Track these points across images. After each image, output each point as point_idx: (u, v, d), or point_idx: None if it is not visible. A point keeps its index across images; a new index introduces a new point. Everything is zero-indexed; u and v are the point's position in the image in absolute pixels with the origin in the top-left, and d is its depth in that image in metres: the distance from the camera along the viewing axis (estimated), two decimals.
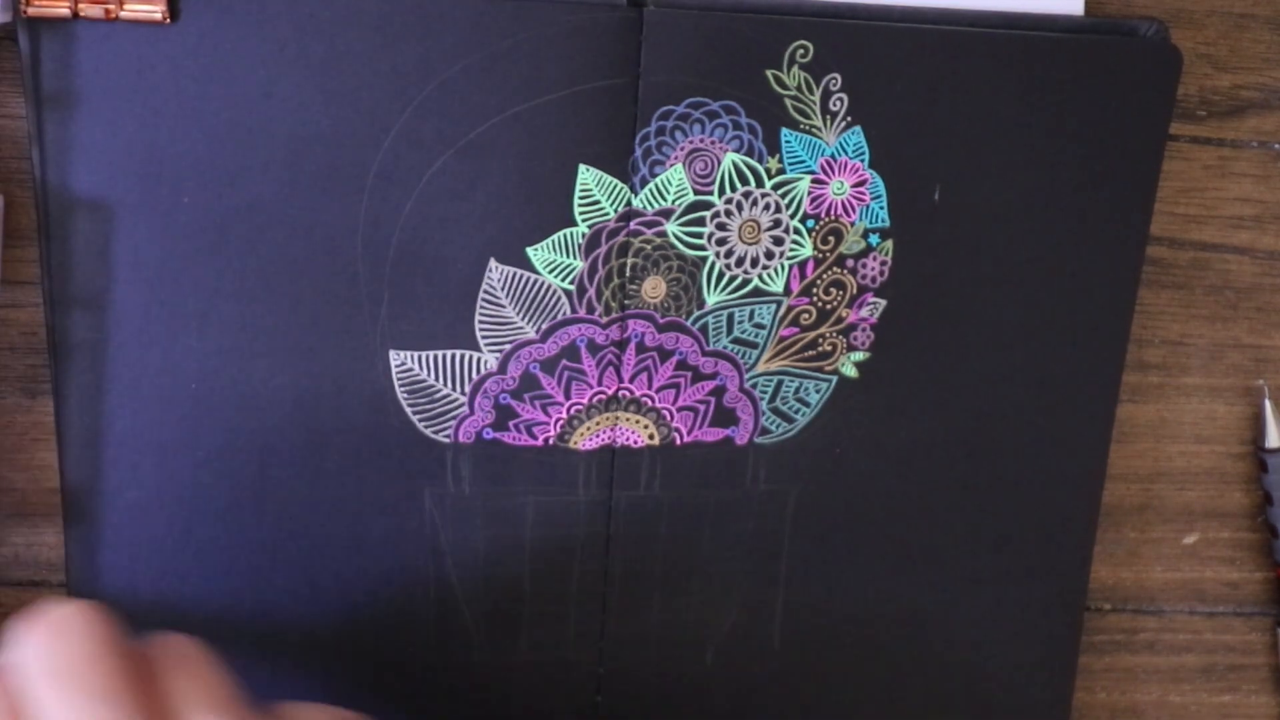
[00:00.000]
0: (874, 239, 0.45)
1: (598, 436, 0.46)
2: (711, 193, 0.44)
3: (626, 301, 0.44)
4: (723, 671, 0.49)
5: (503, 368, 0.44)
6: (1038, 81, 0.45)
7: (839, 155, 0.44)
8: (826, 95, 0.44)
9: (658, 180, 0.43)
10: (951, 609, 0.50)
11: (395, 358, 0.43)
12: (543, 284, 0.43)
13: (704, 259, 0.44)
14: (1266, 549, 0.53)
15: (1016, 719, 0.52)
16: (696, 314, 0.45)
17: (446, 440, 0.45)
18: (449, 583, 0.46)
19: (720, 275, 0.45)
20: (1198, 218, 0.50)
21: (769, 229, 0.45)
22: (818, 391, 0.47)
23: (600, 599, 0.47)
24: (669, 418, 0.46)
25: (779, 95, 0.43)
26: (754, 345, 0.46)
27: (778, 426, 0.47)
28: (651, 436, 0.46)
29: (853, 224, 0.45)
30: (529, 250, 0.43)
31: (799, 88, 0.43)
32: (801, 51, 0.43)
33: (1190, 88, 0.49)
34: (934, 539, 0.49)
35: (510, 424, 0.45)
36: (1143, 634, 0.53)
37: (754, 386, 0.46)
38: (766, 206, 0.44)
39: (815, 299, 0.46)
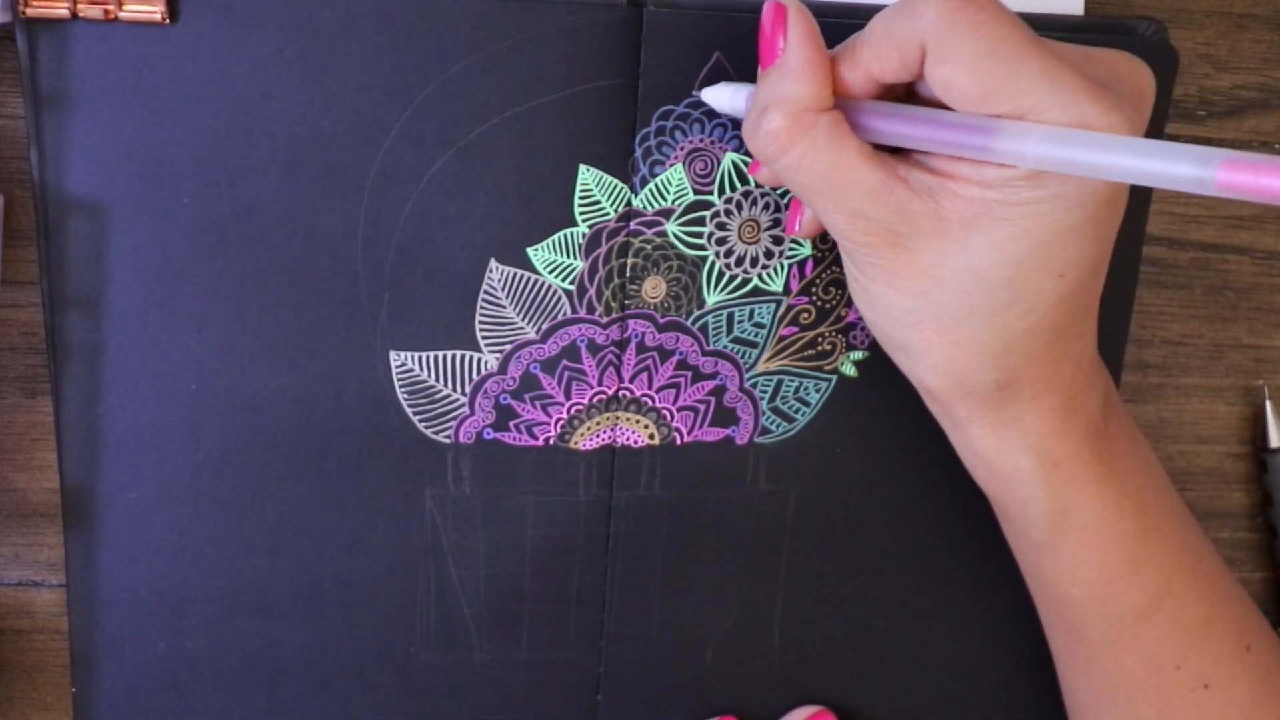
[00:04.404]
0: None
1: (598, 436, 0.46)
2: (711, 192, 0.44)
3: (627, 301, 0.44)
4: (722, 671, 0.49)
5: (503, 368, 0.44)
6: None
7: None
8: None
9: (658, 180, 0.43)
10: (951, 608, 0.50)
11: (395, 358, 0.43)
12: (543, 284, 0.43)
13: (704, 259, 0.44)
14: (1266, 549, 0.53)
15: (1014, 717, 0.52)
16: (696, 314, 0.45)
17: (447, 441, 0.45)
18: (449, 583, 0.46)
19: (720, 275, 0.45)
20: (1198, 218, 0.50)
21: (769, 228, 0.45)
22: (818, 391, 0.47)
23: (600, 599, 0.47)
24: (669, 418, 0.46)
25: None
26: (754, 345, 0.46)
27: (778, 426, 0.47)
28: (652, 436, 0.46)
29: None
30: (529, 250, 0.43)
31: None
32: None
33: (1190, 88, 0.49)
34: (934, 538, 0.49)
35: (510, 424, 0.45)
36: None
37: (754, 386, 0.46)
38: (766, 206, 0.44)
39: (815, 298, 0.46)
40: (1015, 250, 0.35)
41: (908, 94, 0.38)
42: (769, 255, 0.45)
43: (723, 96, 0.41)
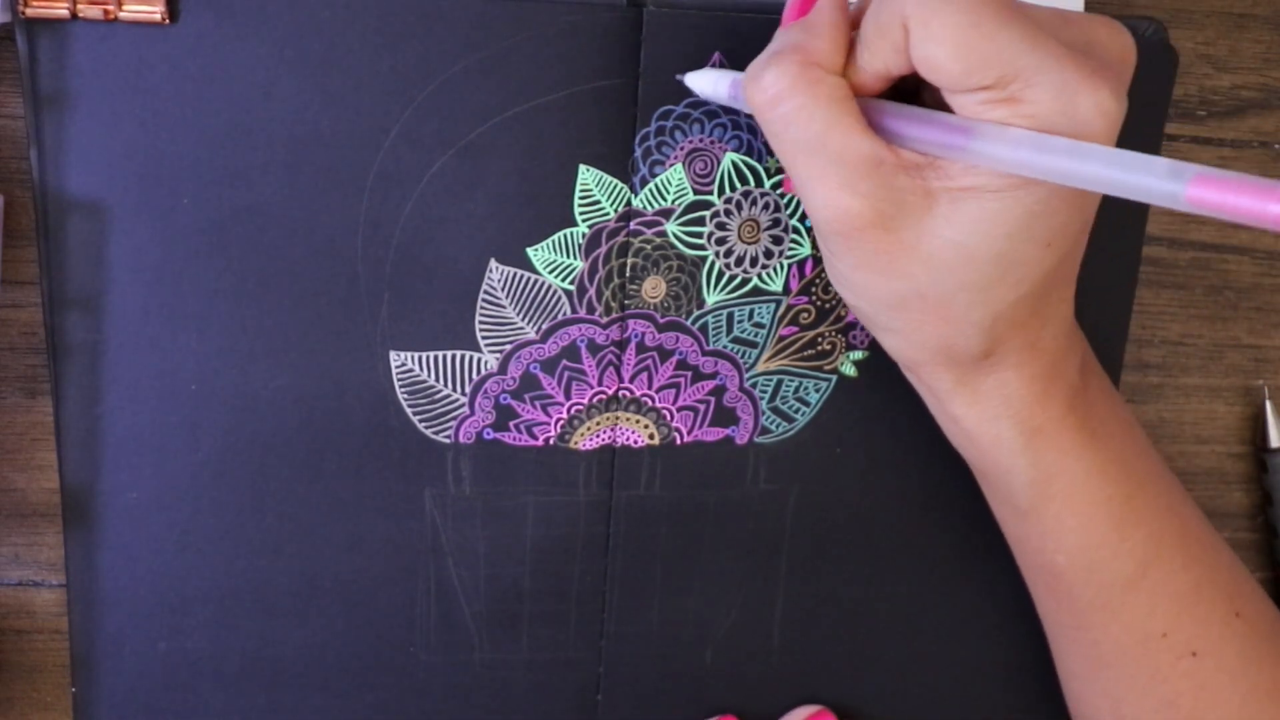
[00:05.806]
0: None
1: (598, 436, 0.46)
2: (711, 192, 0.44)
3: (626, 301, 0.44)
4: (722, 671, 0.49)
5: (503, 368, 0.44)
6: None
7: None
8: None
9: (658, 180, 0.43)
10: (950, 607, 0.50)
11: (395, 358, 0.43)
12: (543, 284, 0.43)
13: (704, 258, 0.44)
14: (1266, 549, 0.53)
15: (1014, 717, 0.52)
16: (696, 313, 0.45)
17: (447, 441, 0.45)
18: (449, 583, 0.46)
19: (720, 275, 0.45)
20: (1198, 218, 0.50)
21: (768, 228, 0.45)
22: (817, 391, 0.47)
23: (600, 599, 0.47)
24: (669, 418, 0.46)
25: None
26: (754, 345, 0.46)
27: (778, 426, 0.47)
28: (652, 436, 0.46)
29: None
30: (529, 250, 0.43)
31: None
32: None
33: (1190, 88, 0.49)
34: (933, 538, 0.49)
35: (510, 424, 0.45)
36: None
37: (754, 386, 0.46)
38: (766, 206, 0.44)
39: (814, 298, 0.46)
40: (1005, 223, 0.35)
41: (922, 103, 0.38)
42: (769, 255, 0.45)
43: (705, 81, 0.41)
